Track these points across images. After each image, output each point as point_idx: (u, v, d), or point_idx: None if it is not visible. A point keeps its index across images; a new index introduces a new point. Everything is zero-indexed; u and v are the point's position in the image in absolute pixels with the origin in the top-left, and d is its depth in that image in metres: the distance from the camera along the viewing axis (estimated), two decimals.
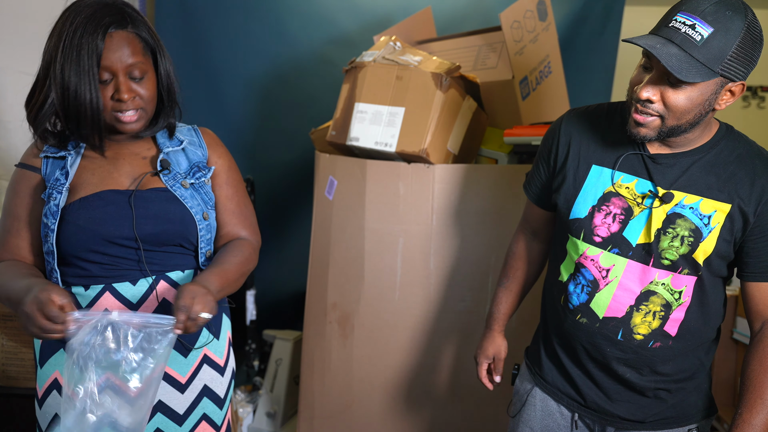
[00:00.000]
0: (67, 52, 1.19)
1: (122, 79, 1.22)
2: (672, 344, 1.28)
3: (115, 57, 1.20)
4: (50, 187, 1.26)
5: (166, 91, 1.31)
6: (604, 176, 1.30)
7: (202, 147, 1.41)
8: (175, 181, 1.32)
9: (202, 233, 1.33)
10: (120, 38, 1.21)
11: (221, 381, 1.40)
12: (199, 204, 1.33)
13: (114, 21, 1.21)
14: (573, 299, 1.34)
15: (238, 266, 1.34)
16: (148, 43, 1.26)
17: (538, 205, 1.49)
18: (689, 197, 1.23)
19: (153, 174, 1.31)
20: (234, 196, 1.42)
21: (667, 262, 1.24)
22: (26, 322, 1.09)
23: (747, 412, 1.23)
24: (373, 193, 1.99)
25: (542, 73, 2.28)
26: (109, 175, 1.29)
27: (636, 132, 1.21)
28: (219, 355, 1.40)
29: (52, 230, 1.23)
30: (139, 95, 1.24)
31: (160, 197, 1.29)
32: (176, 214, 1.29)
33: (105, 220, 1.24)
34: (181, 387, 1.33)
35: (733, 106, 4.68)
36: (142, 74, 1.24)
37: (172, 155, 1.35)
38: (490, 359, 1.59)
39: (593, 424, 1.39)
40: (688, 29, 1.10)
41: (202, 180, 1.36)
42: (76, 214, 1.23)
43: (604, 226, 1.29)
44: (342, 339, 2.10)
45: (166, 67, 1.30)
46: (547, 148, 1.41)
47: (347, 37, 2.86)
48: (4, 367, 1.77)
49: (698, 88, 1.13)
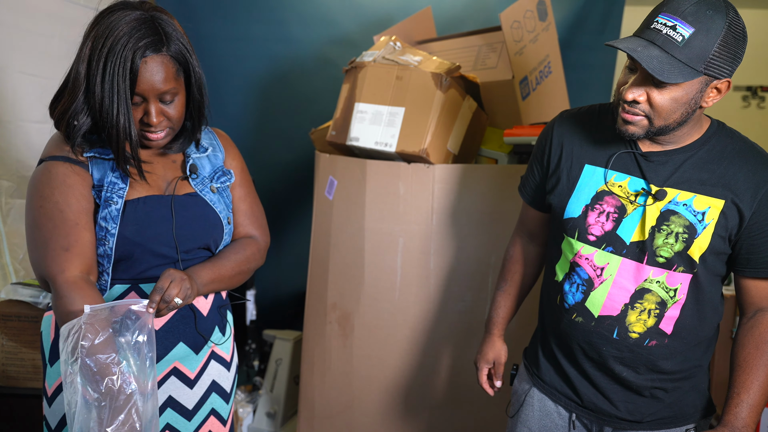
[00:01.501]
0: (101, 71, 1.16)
1: (152, 104, 1.21)
2: (668, 342, 1.28)
3: (149, 83, 1.18)
4: (108, 190, 1.23)
5: (197, 108, 1.31)
6: (597, 175, 1.31)
7: (221, 150, 1.43)
8: (204, 186, 1.34)
9: (225, 237, 1.36)
10: (155, 64, 1.19)
11: (227, 376, 1.43)
12: (224, 208, 1.36)
13: (150, 45, 1.18)
14: (568, 298, 1.34)
15: (235, 263, 1.35)
16: (182, 63, 1.24)
17: (533, 207, 1.50)
18: (682, 194, 1.23)
19: (183, 178, 1.33)
20: (246, 197, 1.44)
21: (661, 260, 1.24)
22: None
23: (744, 392, 1.24)
24: (373, 193, 1.99)
25: (542, 73, 2.28)
26: (149, 177, 1.30)
27: (625, 130, 1.21)
28: (225, 350, 1.43)
29: (113, 234, 1.22)
30: (168, 116, 1.24)
31: (195, 202, 1.32)
32: (210, 218, 1.32)
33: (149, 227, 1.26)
34: (191, 383, 1.35)
35: (733, 106, 4.68)
36: (173, 98, 1.23)
37: (196, 160, 1.37)
38: (491, 364, 1.59)
39: (591, 424, 1.39)
40: (669, 30, 1.11)
41: (227, 185, 1.39)
42: (125, 221, 1.24)
43: (598, 224, 1.29)
44: (342, 339, 2.10)
45: (198, 83, 1.29)
46: (541, 149, 1.42)
47: (347, 37, 2.86)
48: (4, 367, 1.77)
49: (682, 88, 1.14)
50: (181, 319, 1.32)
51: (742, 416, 1.23)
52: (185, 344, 1.33)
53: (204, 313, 1.36)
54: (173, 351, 1.31)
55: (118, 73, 1.16)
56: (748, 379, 1.24)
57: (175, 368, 1.33)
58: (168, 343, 1.31)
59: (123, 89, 1.17)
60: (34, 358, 1.76)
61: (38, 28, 2.46)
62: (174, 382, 1.33)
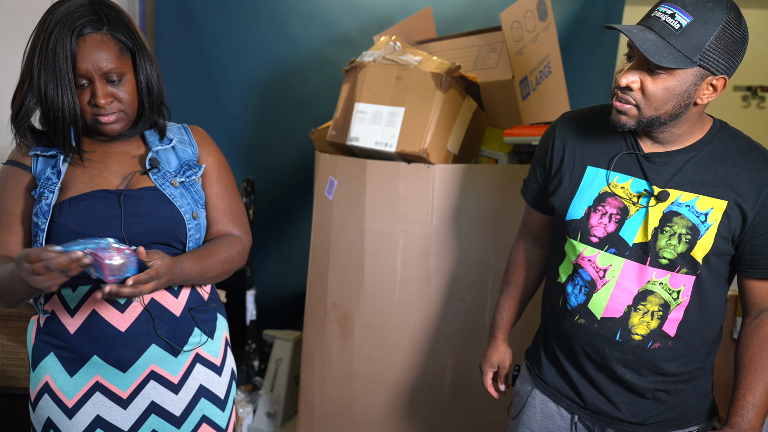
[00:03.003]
0: (42, 57, 1.17)
1: (99, 85, 1.20)
2: (671, 345, 1.28)
3: (90, 62, 1.18)
4: (41, 186, 1.25)
5: (147, 93, 1.29)
6: (599, 177, 1.31)
7: (192, 145, 1.40)
8: (165, 180, 1.31)
9: (191, 232, 1.32)
10: (94, 42, 1.18)
11: (219, 381, 1.38)
12: (188, 203, 1.32)
13: (88, 23, 1.18)
14: (571, 300, 1.34)
15: (222, 262, 1.33)
16: (126, 44, 1.23)
17: (536, 209, 1.49)
18: (685, 195, 1.23)
19: (142, 173, 1.30)
20: (225, 195, 1.41)
21: (665, 261, 1.24)
22: (29, 280, 1.06)
23: (750, 394, 1.23)
24: (373, 193, 1.99)
25: (542, 73, 2.28)
26: (100, 174, 1.28)
27: (617, 120, 1.22)
28: (214, 354, 1.38)
29: (43, 230, 1.22)
30: (118, 98, 1.23)
31: (150, 196, 1.28)
32: (166, 212, 1.28)
33: (94, 221, 1.23)
34: (174, 387, 1.31)
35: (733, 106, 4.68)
36: (119, 77, 1.22)
37: (161, 154, 1.34)
38: (495, 368, 1.58)
39: (593, 426, 1.39)
40: (667, 18, 1.12)
41: (193, 178, 1.35)
42: (66, 215, 1.23)
43: (601, 226, 1.29)
44: (342, 339, 2.10)
45: (147, 68, 1.27)
46: (543, 151, 1.42)
47: (347, 37, 2.86)
48: (4, 367, 1.77)
49: (676, 78, 1.14)
50: (148, 320, 1.27)
51: (748, 418, 1.23)
52: (158, 346, 1.29)
53: (176, 314, 1.31)
54: (146, 354, 1.27)
55: (59, 55, 1.16)
56: (754, 380, 1.24)
57: (153, 372, 1.29)
58: (139, 345, 1.27)
59: (65, 71, 1.16)
60: None
61: None
62: (155, 387, 1.29)
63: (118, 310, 1.26)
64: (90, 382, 1.27)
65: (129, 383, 1.28)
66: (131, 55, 1.25)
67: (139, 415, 1.29)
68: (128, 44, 1.24)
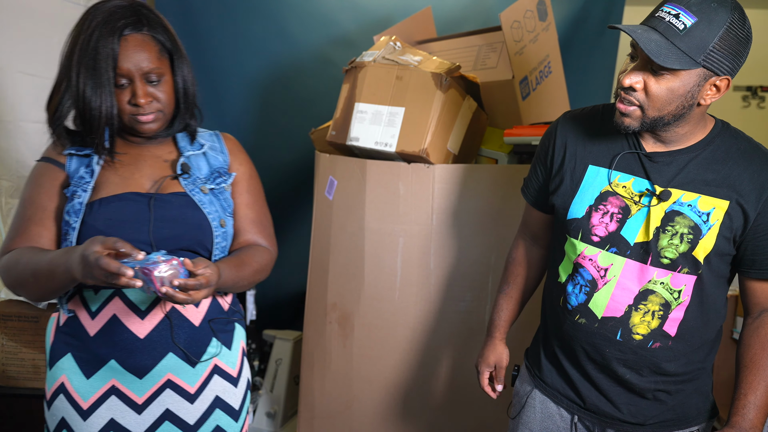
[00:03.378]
0: (83, 57, 1.19)
1: (139, 84, 1.21)
2: (672, 345, 1.28)
3: (132, 62, 1.20)
4: (74, 185, 1.25)
5: (183, 93, 1.31)
6: (600, 176, 1.30)
7: (224, 153, 1.40)
8: (195, 186, 1.31)
9: (217, 240, 1.31)
10: (135, 42, 1.20)
11: (234, 392, 1.37)
12: (217, 210, 1.32)
13: (129, 23, 1.20)
14: (572, 300, 1.34)
15: (254, 272, 1.33)
16: (165, 45, 1.25)
17: (536, 208, 1.49)
18: (687, 194, 1.22)
19: (173, 177, 1.31)
20: (254, 205, 1.41)
21: (666, 261, 1.24)
22: (87, 270, 1.05)
23: (752, 393, 1.24)
24: (373, 193, 1.99)
25: (542, 73, 2.28)
26: (131, 176, 1.29)
27: (621, 122, 1.22)
28: (231, 365, 1.37)
29: (74, 228, 1.22)
30: (156, 98, 1.24)
31: (179, 201, 1.28)
32: (194, 219, 1.28)
33: (123, 223, 1.23)
34: (191, 397, 1.31)
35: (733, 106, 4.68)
36: (158, 78, 1.24)
37: (192, 159, 1.34)
38: (492, 367, 1.58)
39: (593, 426, 1.39)
40: (672, 18, 1.11)
41: (222, 186, 1.35)
42: (95, 215, 1.23)
43: (602, 225, 1.29)
44: (342, 339, 2.10)
45: (183, 70, 1.29)
46: (544, 150, 1.41)
47: (347, 37, 2.86)
48: (4, 367, 1.77)
49: (679, 79, 1.14)
50: (167, 329, 1.27)
51: (749, 417, 1.23)
52: (176, 356, 1.28)
53: (195, 323, 1.31)
54: (163, 362, 1.27)
55: (100, 55, 1.17)
56: (755, 379, 1.24)
57: (169, 381, 1.29)
58: (156, 353, 1.27)
59: (105, 70, 1.17)
60: (34, 358, 1.76)
61: (38, 28, 2.46)
62: (171, 396, 1.29)
63: (138, 316, 1.26)
64: (106, 386, 1.27)
65: (145, 389, 1.28)
66: (169, 56, 1.27)
67: (152, 421, 1.29)
68: (167, 45, 1.26)
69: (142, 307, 1.26)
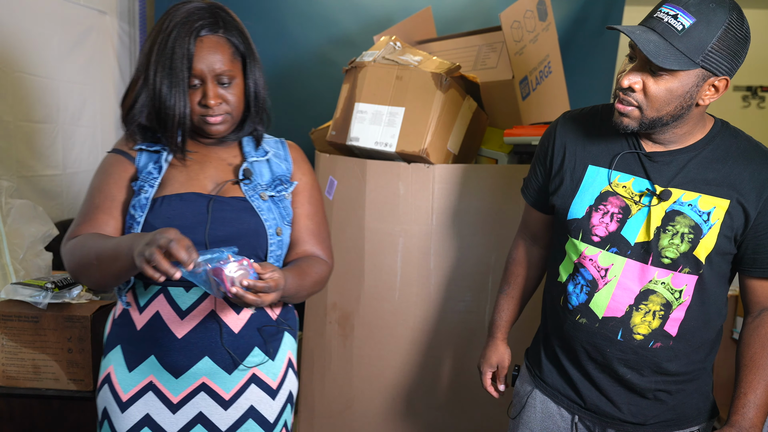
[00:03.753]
0: (160, 55, 1.21)
1: (210, 86, 1.22)
2: (672, 344, 1.28)
3: (205, 63, 1.21)
4: (142, 180, 1.27)
5: (254, 97, 1.31)
6: (600, 176, 1.30)
7: (288, 161, 1.40)
8: (255, 192, 1.31)
9: (272, 248, 1.30)
10: (210, 43, 1.22)
11: (271, 404, 1.34)
12: (274, 218, 1.31)
13: (206, 25, 1.21)
14: (572, 299, 1.34)
15: (313, 283, 1.32)
16: (239, 48, 1.26)
17: (536, 209, 1.49)
18: (687, 194, 1.22)
19: (234, 182, 1.31)
20: (314, 216, 1.40)
21: (667, 261, 1.24)
22: (144, 259, 1.03)
23: (752, 392, 1.24)
24: (373, 193, 1.99)
25: (542, 73, 2.28)
26: (196, 176, 1.30)
27: (619, 122, 1.22)
28: (272, 376, 1.34)
29: (139, 222, 1.23)
30: (226, 100, 1.25)
31: (238, 206, 1.28)
32: (250, 224, 1.28)
33: (180, 222, 1.23)
34: (225, 403, 1.29)
35: (733, 106, 4.68)
36: (230, 80, 1.24)
37: (255, 165, 1.35)
38: (494, 368, 1.58)
39: (593, 426, 1.39)
40: (670, 19, 1.12)
41: (283, 194, 1.34)
42: (156, 212, 1.24)
43: (602, 225, 1.29)
44: (342, 339, 2.10)
45: (256, 73, 1.30)
46: (543, 151, 1.41)
47: (347, 37, 2.86)
48: (4, 367, 1.77)
49: (678, 79, 1.14)
50: (205, 332, 1.26)
51: (749, 416, 1.23)
52: (211, 360, 1.27)
53: (234, 330, 1.29)
54: (198, 365, 1.27)
55: (176, 54, 1.19)
56: (755, 378, 1.24)
57: (204, 384, 1.28)
58: (192, 355, 1.26)
59: (180, 69, 1.20)
60: (34, 358, 1.76)
61: (38, 28, 2.46)
62: (205, 399, 1.28)
63: (178, 316, 1.26)
64: (145, 381, 1.28)
65: (180, 389, 1.28)
66: (242, 59, 1.28)
67: (186, 423, 1.28)
68: (240, 48, 1.27)
69: (183, 308, 1.26)
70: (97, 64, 2.86)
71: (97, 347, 1.78)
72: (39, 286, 1.78)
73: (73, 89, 2.69)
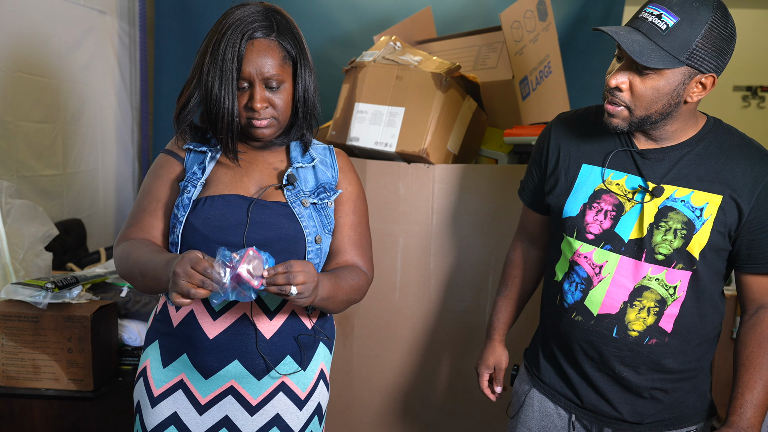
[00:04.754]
0: (213, 56, 1.21)
1: (257, 89, 1.22)
2: (668, 341, 1.28)
3: (254, 66, 1.21)
4: (187, 180, 1.28)
5: (302, 102, 1.30)
6: (594, 174, 1.31)
7: (334, 168, 1.38)
8: (297, 198, 1.29)
9: (310, 256, 1.27)
10: (261, 47, 1.22)
11: (297, 415, 1.31)
12: (315, 225, 1.29)
13: (259, 28, 1.22)
14: (568, 297, 1.34)
15: (350, 289, 1.28)
16: (290, 52, 1.26)
17: (533, 210, 1.50)
18: (680, 190, 1.23)
19: (277, 187, 1.30)
20: (358, 227, 1.37)
21: (660, 257, 1.24)
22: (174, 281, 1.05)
23: (749, 392, 1.24)
24: (373, 193, 1.99)
25: (542, 73, 2.28)
26: (240, 179, 1.30)
27: (609, 123, 1.24)
28: (301, 386, 1.32)
29: (181, 222, 1.24)
30: (273, 104, 1.24)
31: (279, 210, 1.27)
32: (289, 229, 1.26)
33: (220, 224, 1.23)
34: (251, 409, 1.28)
35: (733, 106, 4.69)
36: (278, 84, 1.24)
37: (300, 171, 1.34)
38: (491, 370, 1.58)
39: (590, 425, 1.39)
40: (654, 19, 1.13)
41: (326, 201, 1.33)
42: (197, 213, 1.24)
43: (596, 223, 1.30)
44: (342, 339, 2.10)
45: (306, 78, 1.29)
46: (539, 152, 1.43)
47: (347, 37, 2.86)
48: (4, 367, 1.77)
49: (664, 78, 1.15)
50: (236, 335, 1.25)
51: (747, 416, 1.23)
52: (242, 364, 1.26)
53: (267, 336, 1.28)
54: (228, 367, 1.26)
55: (227, 56, 1.20)
56: (752, 378, 1.24)
57: (232, 388, 1.27)
58: (222, 357, 1.26)
59: (230, 71, 1.20)
60: (34, 357, 1.75)
61: (38, 28, 2.47)
62: (232, 403, 1.28)
63: (211, 317, 1.26)
64: (176, 378, 1.29)
65: (209, 391, 1.28)
66: (293, 64, 1.28)
67: (211, 425, 1.28)
68: (292, 53, 1.26)
69: (216, 309, 1.26)
70: (97, 64, 2.87)
71: (97, 347, 1.78)
72: (39, 286, 1.78)
73: (73, 89, 2.69)
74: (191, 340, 1.27)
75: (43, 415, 1.77)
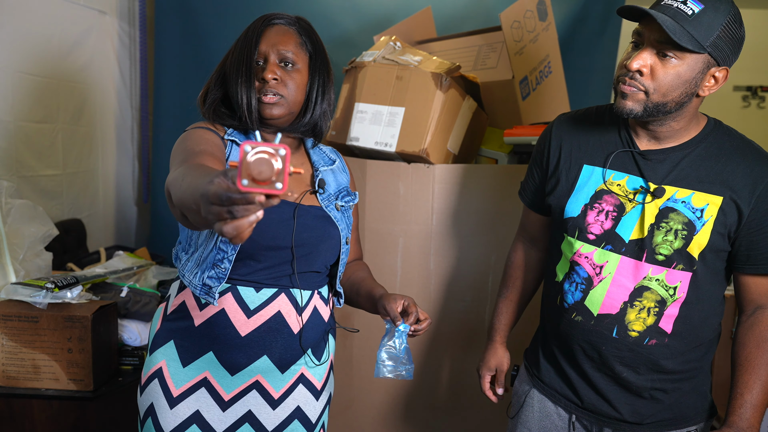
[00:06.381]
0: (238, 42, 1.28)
1: (271, 60, 1.25)
2: (668, 341, 1.28)
3: (270, 43, 1.26)
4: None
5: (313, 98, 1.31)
6: (595, 175, 1.31)
7: (346, 172, 1.45)
8: (330, 202, 1.34)
9: (342, 257, 1.35)
10: (279, 30, 1.28)
11: (315, 405, 1.37)
12: (344, 228, 1.36)
13: (282, 18, 1.29)
14: (568, 298, 1.34)
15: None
16: (307, 45, 1.30)
17: (534, 210, 1.50)
18: (681, 191, 1.23)
19: (311, 192, 1.33)
20: (357, 227, 1.48)
21: (661, 258, 1.24)
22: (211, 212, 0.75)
23: (747, 392, 1.24)
24: (373, 193, 1.99)
25: (542, 73, 2.28)
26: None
27: (622, 106, 1.21)
28: (317, 377, 1.37)
29: None
30: (284, 82, 1.25)
31: (317, 214, 1.31)
32: (327, 232, 1.31)
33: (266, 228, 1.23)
34: (273, 402, 1.32)
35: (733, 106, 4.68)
36: (293, 64, 1.27)
37: (325, 174, 1.38)
38: (493, 371, 1.58)
39: (590, 425, 1.39)
40: (679, 4, 1.14)
41: (350, 204, 1.40)
42: None
43: (597, 223, 1.30)
44: (342, 339, 2.10)
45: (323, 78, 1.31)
46: (539, 152, 1.43)
47: (347, 37, 2.86)
48: (4, 367, 1.77)
49: (686, 63, 1.15)
50: (267, 332, 1.28)
51: (746, 417, 1.23)
52: (270, 359, 1.29)
53: (294, 330, 1.31)
54: (256, 363, 1.28)
55: (248, 37, 1.26)
56: (751, 378, 1.24)
57: (257, 382, 1.30)
58: (252, 353, 1.28)
59: (248, 50, 1.25)
60: (34, 358, 1.75)
61: (38, 28, 2.46)
62: (256, 398, 1.30)
63: (245, 314, 1.27)
64: (199, 377, 1.29)
65: (233, 387, 1.29)
66: (309, 57, 1.31)
67: (234, 421, 1.29)
68: (308, 46, 1.31)
69: (251, 307, 1.27)
70: (97, 64, 2.86)
71: (97, 347, 1.78)
72: (39, 286, 1.78)
73: (73, 89, 2.69)
74: (219, 338, 1.27)
75: (43, 415, 1.77)
